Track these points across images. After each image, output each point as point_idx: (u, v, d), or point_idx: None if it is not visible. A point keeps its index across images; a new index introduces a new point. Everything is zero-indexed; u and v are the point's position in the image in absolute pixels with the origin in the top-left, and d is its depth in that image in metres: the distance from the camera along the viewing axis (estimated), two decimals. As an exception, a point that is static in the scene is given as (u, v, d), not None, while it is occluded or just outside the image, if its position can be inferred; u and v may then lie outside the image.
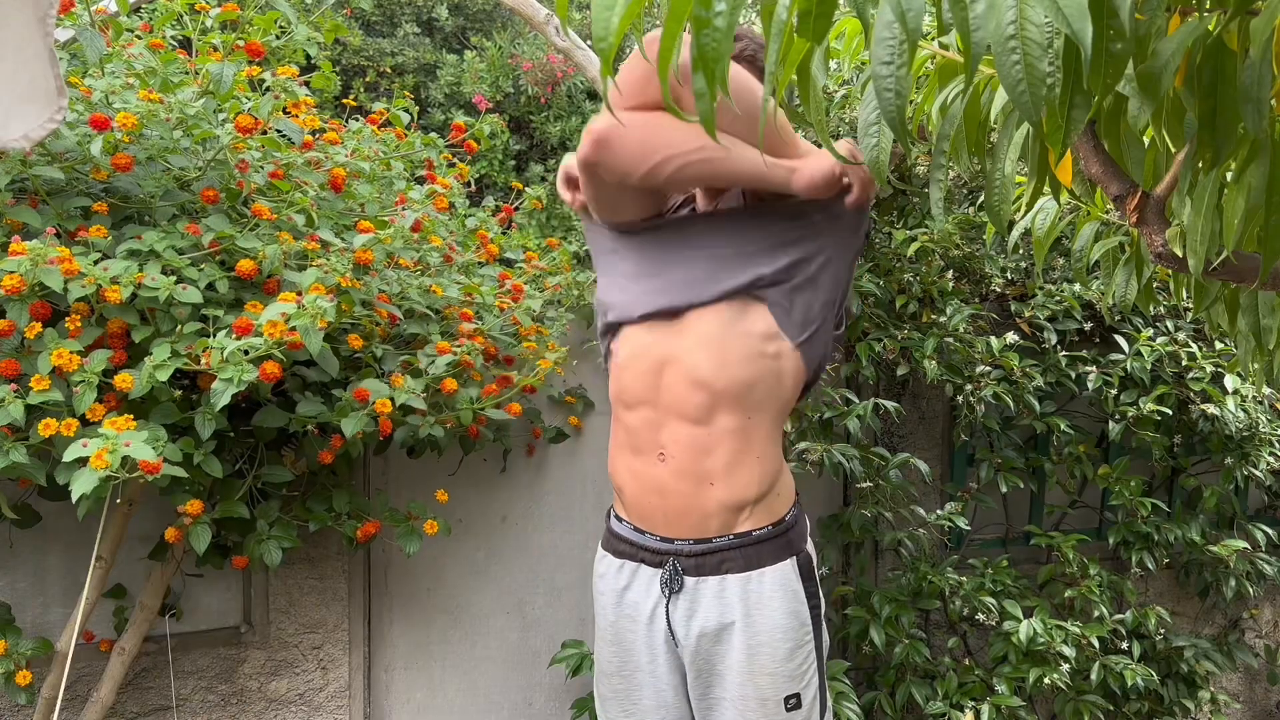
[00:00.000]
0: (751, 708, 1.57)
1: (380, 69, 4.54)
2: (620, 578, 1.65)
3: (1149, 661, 3.08)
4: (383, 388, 1.86)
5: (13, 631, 1.96)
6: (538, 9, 2.81)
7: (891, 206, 3.02)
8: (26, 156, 1.74)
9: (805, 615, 1.59)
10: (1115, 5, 0.80)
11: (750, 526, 1.57)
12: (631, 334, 1.60)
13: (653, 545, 1.61)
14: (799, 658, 1.58)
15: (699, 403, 1.53)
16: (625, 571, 1.65)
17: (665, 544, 1.60)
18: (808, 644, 1.59)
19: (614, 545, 1.68)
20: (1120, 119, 1.06)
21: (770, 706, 1.57)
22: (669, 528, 1.59)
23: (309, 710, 2.39)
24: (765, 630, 1.56)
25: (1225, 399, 3.01)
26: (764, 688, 1.57)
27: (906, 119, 0.86)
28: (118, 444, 1.51)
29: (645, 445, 1.59)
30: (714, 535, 1.57)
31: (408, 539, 2.17)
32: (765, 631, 1.56)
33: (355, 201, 2.18)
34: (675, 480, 1.56)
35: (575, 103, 4.52)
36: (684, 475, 1.55)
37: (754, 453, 1.56)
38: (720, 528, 1.57)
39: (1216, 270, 1.13)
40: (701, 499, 1.56)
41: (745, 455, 1.56)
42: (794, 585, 1.59)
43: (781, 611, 1.57)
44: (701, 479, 1.55)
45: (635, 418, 1.60)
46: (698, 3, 0.68)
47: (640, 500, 1.62)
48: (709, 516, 1.56)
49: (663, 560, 1.60)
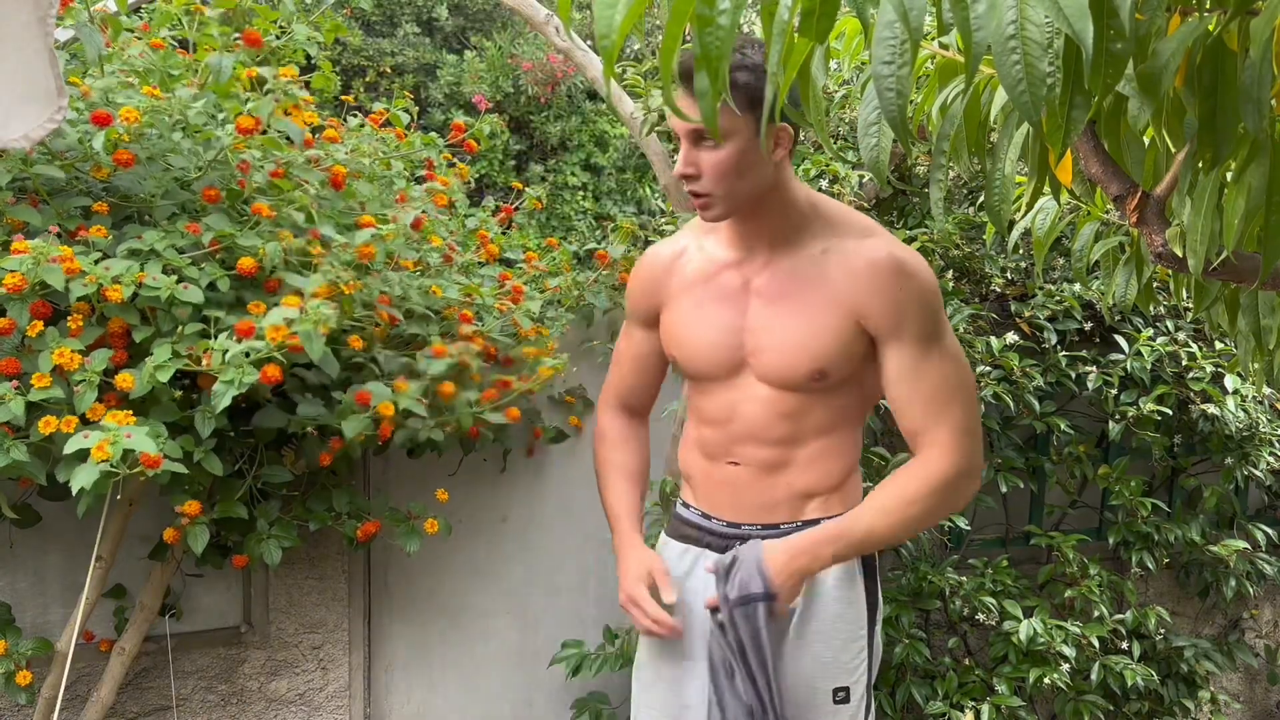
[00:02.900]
0: (801, 697, 1.58)
1: (380, 69, 4.54)
2: (682, 564, 1.65)
3: (1149, 661, 3.08)
4: (385, 391, 1.86)
5: (13, 631, 1.96)
6: (538, 9, 2.81)
7: (891, 206, 3.02)
8: (27, 156, 1.74)
9: (862, 610, 1.61)
10: (1115, 5, 0.80)
11: (819, 514, 1.59)
12: None
13: (720, 530, 1.63)
14: (852, 650, 1.59)
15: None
16: (688, 558, 1.65)
17: (732, 529, 1.61)
18: (861, 639, 1.60)
19: (680, 530, 1.69)
20: (1120, 119, 1.06)
21: (819, 697, 1.58)
22: (736, 513, 1.61)
23: (309, 710, 2.39)
24: (823, 619, 1.58)
25: (1225, 399, 3.01)
26: (814, 677, 1.58)
27: (907, 119, 0.86)
28: (119, 436, 1.51)
29: (717, 453, 1.64)
30: (781, 521, 1.59)
31: (408, 539, 2.17)
32: (823, 620, 1.58)
33: (355, 200, 2.18)
34: (750, 476, 1.61)
35: (575, 103, 4.52)
36: (758, 472, 1.60)
37: (833, 446, 1.61)
38: (789, 514, 1.59)
39: (1216, 270, 1.13)
40: (774, 487, 1.59)
41: (826, 448, 1.60)
42: (856, 578, 1.60)
43: (841, 602, 1.58)
44: (776, 470, 1.59)
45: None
46: (700, 1, 0.68)
47: (709, 489, 1.65)
48: (778, 504, 1.59)
49: (728, 545, 1.60)
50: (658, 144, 2.89)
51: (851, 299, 1.50)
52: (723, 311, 1.59)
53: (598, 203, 4.51)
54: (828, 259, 1.52)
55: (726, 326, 1.59)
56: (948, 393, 1.52)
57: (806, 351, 1.52)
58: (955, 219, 2.91)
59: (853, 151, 2.85)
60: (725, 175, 1.44)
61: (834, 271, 1.51)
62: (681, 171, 1.46)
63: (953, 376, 1.53)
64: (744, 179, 1.46)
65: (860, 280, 1.50)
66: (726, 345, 1.59)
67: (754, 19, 3.73)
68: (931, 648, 2.97)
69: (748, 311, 1.57)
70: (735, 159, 1.44)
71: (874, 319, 1.50)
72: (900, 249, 1.52)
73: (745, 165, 1.44)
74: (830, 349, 1.52)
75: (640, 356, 1.76)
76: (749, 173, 1.46)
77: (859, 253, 1.51)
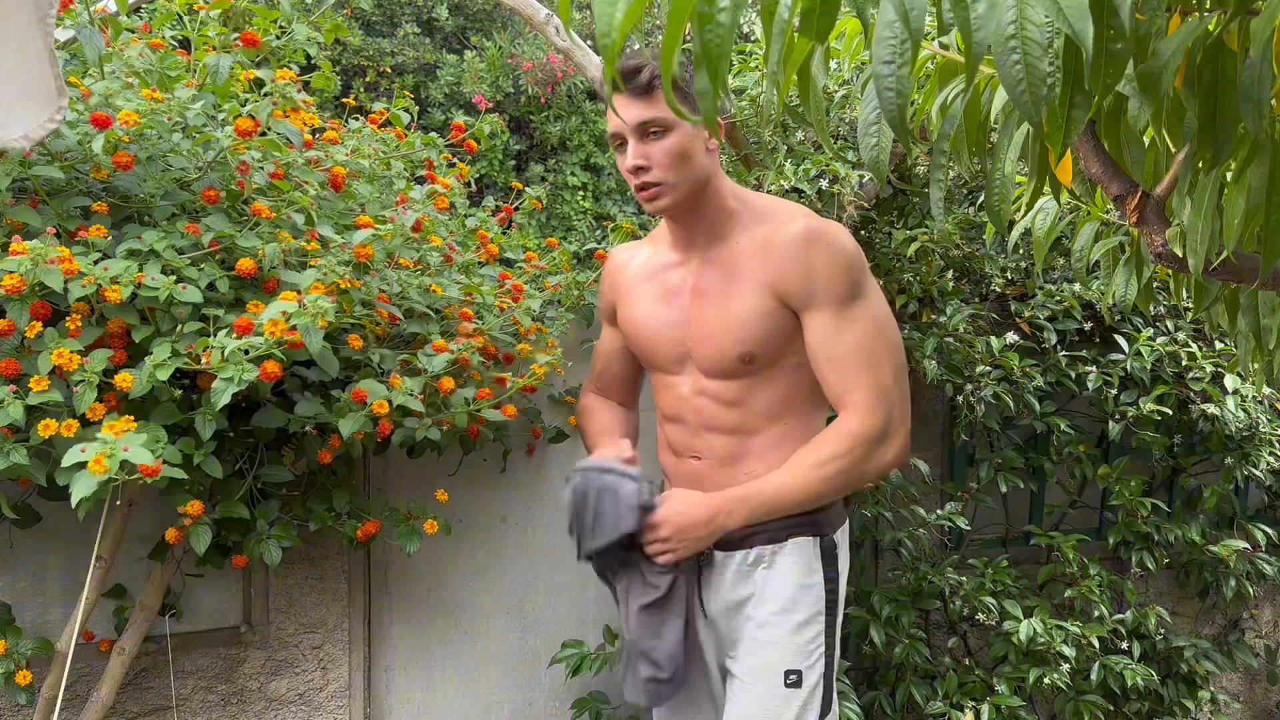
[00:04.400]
0: (753, 676, 1.62)
1: (380, 69, 4.54)
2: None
3: (1149, 661, 3.08)
4: (380, 388, 1.86)
5: (13, 631, 1.96)
6: (538, 9, 2.81)
7: (891, 206, 3.02)
8: (26, 156, 1.74)
9: (819, 594, 1.64)
10: (1115, 5, 0.80)
11: None
12: None
13: None
14: (807, 634, 1.62)
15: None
16: None
17: None
18: (817, 623, 1.63)
19: None
20: (1120, 119, 1.06)
21: (770, 677, 1.60)
22: None
23: (309, 710, 2.39)
24: (777, 600, 1.62)
25: (1225, 399, 3.01)
26: (767, 657, 1.61)
27: (907, 119, 0.86)
28: (116, 449, 1.51)
29: (681, 449, 1.73)
30: None
31: (408, 539, 2.17)
32: (776, 601, 1.62)
33: (355, 201, 2.18)
34: (710, 469, 1.69)
35: (575, 103, 4.53)
36: (718, 464, 1.68)
37: (789, 432, 1.66)
38: None
39: (1216, 270, 1.13)
40: (734, 477, 1.65)
41: (783, 434, 1.66)
42: (811, 561, 1.64)
43: (794, 584, 1.62)
44: (735, 460, 1.67)
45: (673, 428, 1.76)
46: (700, 0, 0.68)
47: (679, 485, 1.74)
48: None
49: None
50: (658, 144, 2.88)
51: (768, 275, 1.57)
52: (667, 309, 1.69)
53: (598, 203, 4.51)
54: (752, 245, 1.60)
55: (670, 322, 1.69)
56: (864, 354, 1.55)
57: (732, 336, 1.59)
58: (955, 219, 2.91)
59: (853, 151, 2.85)
60: (673, 163, 1.55)
61: (755, 255, 1.59)
62: (634, 164, 1.55)
63: (871, 339, 1.56)
64: (689, 166, 1.56)
65: (774, 255, 1.57)
66: (670, 340, 1.69)
67: (754, 19, 3.72)
68: (931, 648, 2.97)
69: (687, 308, 1.67)
70: (682, 146, 1.55)
71: (789, 288, 1.56)
72: (816, 220, 1.58)
73: (689, 153, 1.56)
74: (753, 331, 1.58)
75: (610, 350, 1.90)
76: (692, 160, 1.57)
77: (776, 230, 1.58)
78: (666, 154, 1.54)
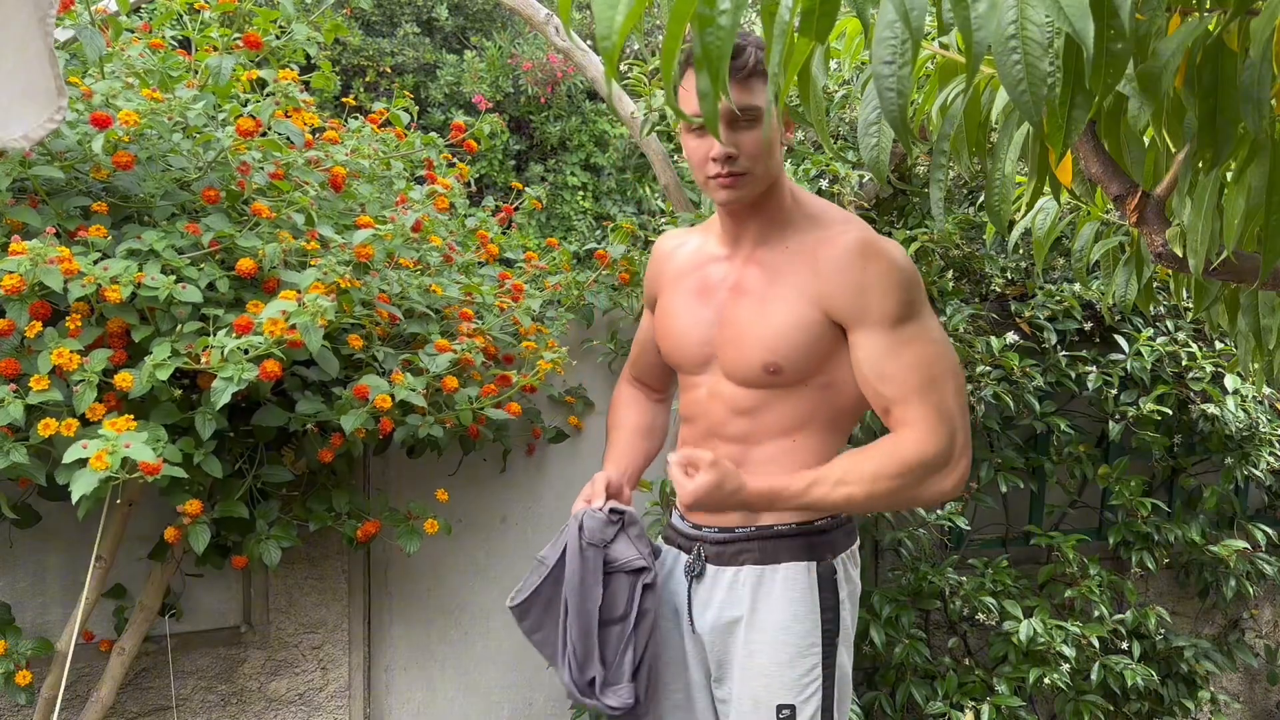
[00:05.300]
0: (744, 709, 1.55)
1: (380, 69, 4.54)
2: (667, 564, 1.69)
3: (1149, 661, 3.08)
4: (382, 384, 1.86)
5: (13, 631, 1.96)
6: (538, 9, 2.81)
7: (891, 206, 3.02)
8: (26, 156, 1.74)
9: (815, 625, 1.53)
10: (1116, 5, 0.80)
11: (772, 521, 1.55)
12: None
13: (686, 530, 1.65)
14: (801, 667, 1.52)
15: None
16: (669, 557, 1.69)
17: (694, 530, 1.63)
18: (813, 655, 1.53)
19: (667, 533, 1.74)
20: (1120, 119, 1.07)
21: (762, 711, 1.52)
22: (697, 514, 1.62)
23: (309, 710, 2.39)
24: (768, 627, 1.53)
25: (1225, 399, 3.02)
26: (757, 689, 1.53)
27: (908, 119, 0.86)
28: (117, 445, 1.51)
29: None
30: (735, 525, 1.58)
31: (408, 539, 2.17)
32: (768, 629, 1.53)
33: (355, 201, 2.18)
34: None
35: (575, 103, 4.53)
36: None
37: (795, 450, 1.58)
38: (741, 519, 1.57)
39: (1216, 270, 1.13)
40: None
41: (787, 450, 1.58)
42: (807, 589, 1.54)
43: (787, 612, 1.53)
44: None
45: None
46: (701, 1, 0.68)
47: None
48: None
49: (692, 546, 1.63)
50: (658, 144, 2.89)
51: (816, 287, 1.49)
52: (701, 306, 1.62)
53: (598, 203, 4.51)
54: (802, 251, 1.53)
55: (701, 320, 1.61)
56: (924, 373, 1.44)
57: (761, 343, 1.51)
58: (955, 219, 2.91)
59: (853, 151, 2.85)
60: (761, 154, 1.47)
61: (803, 263, 1.52)
62: (724, 152, 1.46)
63: (930, 359, 1.45)
64: (771, 158, 1.50)
65: (824, 266, 1.49)
66: (698, 339, 1.61)
67: (754, 19, 3.72)
68: (931, 648, 2.97)
69: (723, 306, 1.59)
70: (770, 138, 1.48)
71: (839, 303, 1.47)
72: (871, 234, 1.50)
73: (772, 145, 1.49)
74: (785, 342, 1.50)
75: (649, 338, 1.81)
76: (774, 152, 1.51)
77: (828, 240, 1.51)
78: (756, 144, 1.45)
